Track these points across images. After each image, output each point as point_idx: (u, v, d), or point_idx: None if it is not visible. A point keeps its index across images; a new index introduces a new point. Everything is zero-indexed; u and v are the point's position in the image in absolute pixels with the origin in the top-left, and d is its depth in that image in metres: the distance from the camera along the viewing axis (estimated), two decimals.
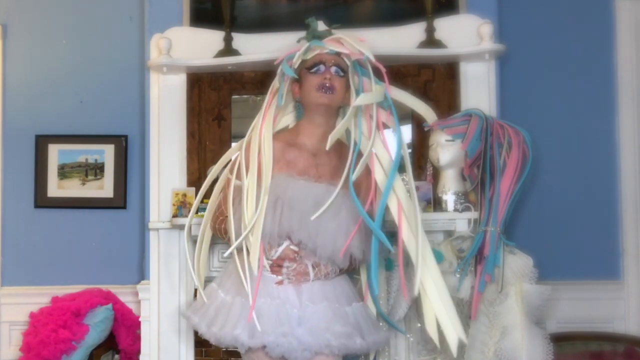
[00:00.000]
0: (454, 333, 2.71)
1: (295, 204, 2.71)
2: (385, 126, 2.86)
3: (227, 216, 2.79)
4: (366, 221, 2.68)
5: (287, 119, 3.06)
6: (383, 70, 2.81)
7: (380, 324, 3.05)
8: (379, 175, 2.77)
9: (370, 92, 2.76)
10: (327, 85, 2.76)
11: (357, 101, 2.72)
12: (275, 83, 2.91)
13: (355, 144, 2.77)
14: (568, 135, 4.21)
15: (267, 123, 2.83)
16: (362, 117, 2.82)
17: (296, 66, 2.84)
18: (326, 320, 2.70)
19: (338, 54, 2.82)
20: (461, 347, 3.00)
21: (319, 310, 2.72)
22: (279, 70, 2.90)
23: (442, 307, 2.72)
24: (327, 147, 2.74)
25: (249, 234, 2.68)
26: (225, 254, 2.81)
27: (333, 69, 2.79)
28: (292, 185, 2.75)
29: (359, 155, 2.75)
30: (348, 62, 2.84)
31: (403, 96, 3.11)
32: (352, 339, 2.71)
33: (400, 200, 2.74)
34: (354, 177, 2.68)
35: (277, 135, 2.88)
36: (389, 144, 2.81)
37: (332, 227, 2.73)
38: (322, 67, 2.79)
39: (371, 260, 2.73)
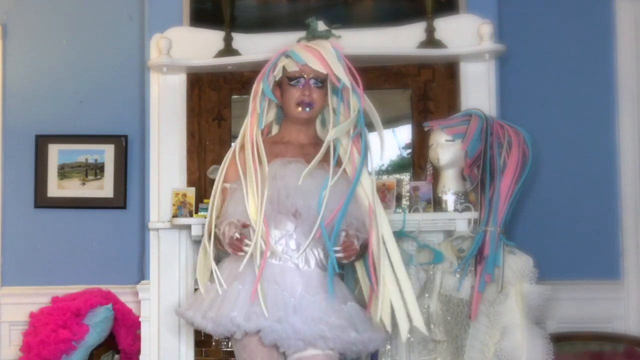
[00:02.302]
0: (405, 319, 2.82)
1: (289, 179, 2.81)
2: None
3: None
4: (324, 236, 2.76)
5: (270, 115, 3.11)
6: (360, 92, 2.90)
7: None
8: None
9: (341, 125, 2.90)
10: (307, 101, 2.90)
11: (330, 135, 2.88)
12: (257, 91, 2.97)
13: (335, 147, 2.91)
14: (568, 135, 4.21)
15: (255, 126, 2.94)
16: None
17: (277, 78, 2.96)
18: (321, 311, 2.74)
19: None
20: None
21: (315, 301, 2.76)
22: (258, 86, 2.96)
23: (397, 292, 2.82)
24: (300, 182, 2.82)
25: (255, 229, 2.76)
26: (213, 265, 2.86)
27: (312, 81, 2.92)
28: (284, 166, 2.86)
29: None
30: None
31: (374, 116, 3.07)
32: (347, 332, 2.72)
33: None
34: (331, 182, 2.80)
35: (263, 139, 2.97)
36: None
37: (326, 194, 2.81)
38: (302, 80, 2.92)
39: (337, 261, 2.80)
